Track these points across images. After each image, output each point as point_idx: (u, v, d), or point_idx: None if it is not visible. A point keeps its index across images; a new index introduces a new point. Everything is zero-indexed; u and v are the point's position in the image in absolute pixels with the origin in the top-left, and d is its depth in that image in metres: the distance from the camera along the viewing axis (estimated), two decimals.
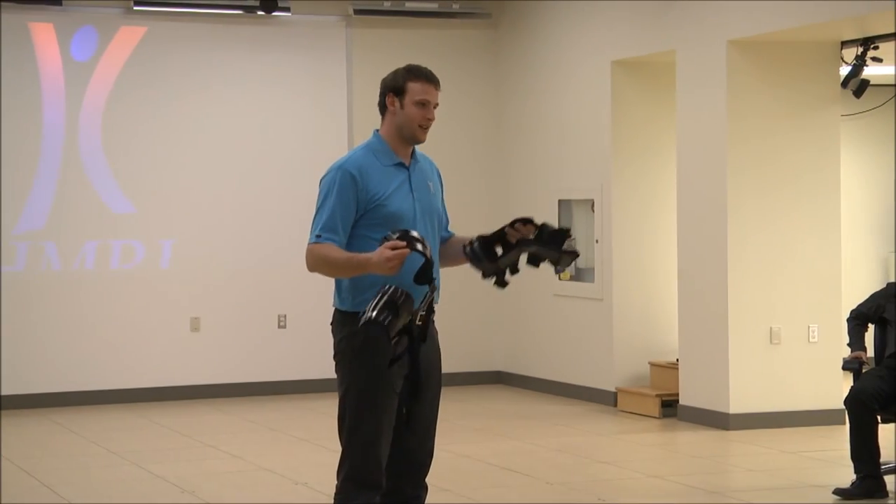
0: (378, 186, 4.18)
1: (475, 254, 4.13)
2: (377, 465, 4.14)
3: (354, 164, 4.21)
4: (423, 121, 4.22)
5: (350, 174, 4.18)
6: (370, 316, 3.91)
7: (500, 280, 4.14)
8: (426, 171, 4.35)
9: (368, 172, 4.19)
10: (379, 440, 4.13)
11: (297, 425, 9.44)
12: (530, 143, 11.15)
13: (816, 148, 9.10)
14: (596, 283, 10.20)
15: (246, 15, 10.78)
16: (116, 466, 7.98)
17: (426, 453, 4.30)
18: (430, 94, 4.23)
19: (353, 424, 4.15)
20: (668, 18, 9.43)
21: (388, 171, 4.22)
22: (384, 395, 4.13)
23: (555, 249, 4.13)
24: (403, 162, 4.27)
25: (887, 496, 6.67)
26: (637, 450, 8.58)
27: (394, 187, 4.20)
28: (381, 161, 4.24)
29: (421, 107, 4.22)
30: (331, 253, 4.12)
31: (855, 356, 6.96)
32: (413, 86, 4.22)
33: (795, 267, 9.02)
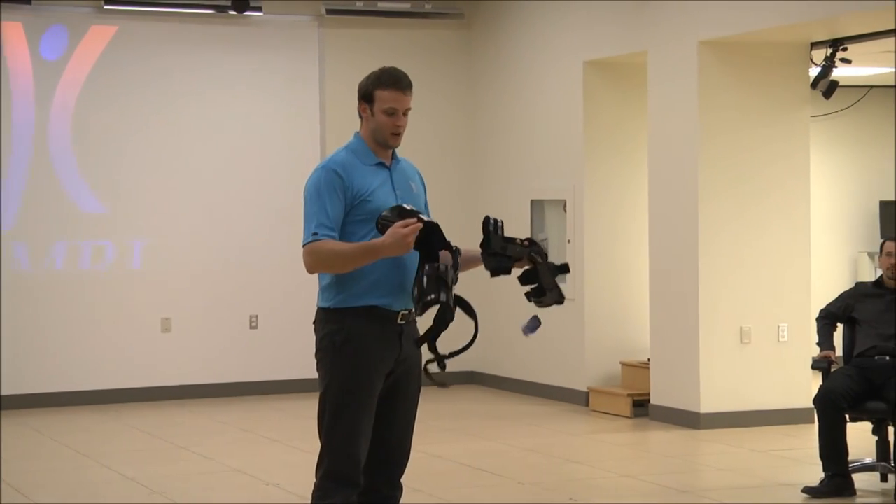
0: (362, 183, 4.20)
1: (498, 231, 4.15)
2: (355, 463, 4.15)
3: (337, 162, 4.24)
4: (393, 128, 4.23)
5: (334, 171, 4.20)
6: (431, 297, 3.92)
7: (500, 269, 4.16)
8: (408, 172, 4.37)
9: (351, 170, 4.21)
10: (357, 438, 4.13)
11: (269, 426, 9.42)
12: (503, 144, 11.17)
13: (786, 148, 9.15)
14: (568, 284, 10.22)
15: (218, 14, 10.75)
16: (86, 468, 7.94)
17: (403, 453, 4.31)
18: (399, 101, 4.22)
19: (332, 422, 4.15)
20: (639, 19, 9.46)
21: (369, 169, 4.24)
22: (364, 394, 4.14)
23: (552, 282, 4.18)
24: (384, 162, 4.29)
25: (855, 494, 6.72)
26: (609, 449, 8.60)
27: (377, 184, 4.22)
28: (363, 160, 4.25)
29: (390, 115, 4.22)
30: (336, 246, 4.12)
31: (824, 355, 7.00)
32: (380, 94, 4.23)
33: (765, 267, 9.07)
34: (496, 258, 4.16)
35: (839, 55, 9.05)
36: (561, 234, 10.38)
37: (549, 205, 10.58)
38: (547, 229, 10.65)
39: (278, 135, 11.07)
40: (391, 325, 4.16)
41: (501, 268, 4.18)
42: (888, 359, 6.80)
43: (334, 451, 4.15)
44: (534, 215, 10.72)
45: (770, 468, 7.69)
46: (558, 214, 10.43)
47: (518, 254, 4.18)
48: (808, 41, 9.11)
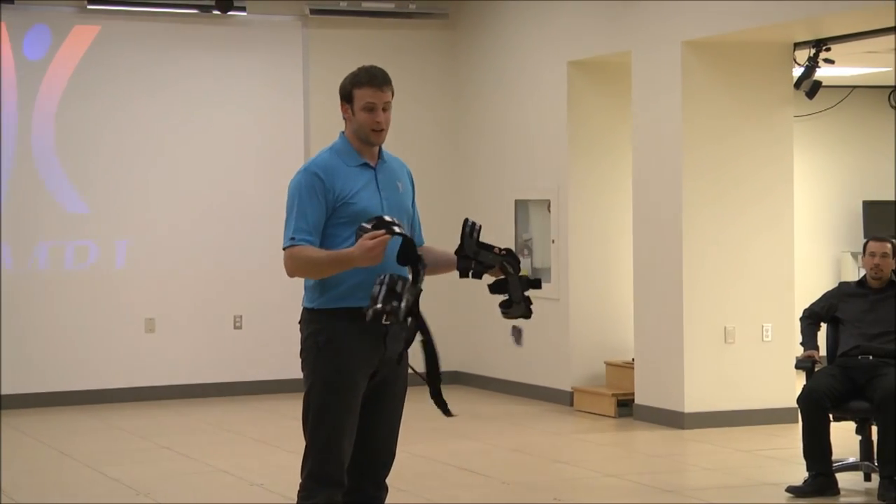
0: (344, 185, 4.19)
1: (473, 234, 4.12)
2: (339, 464, 4.15)
3: (319, 165, 4.23)
4: (374, 124, 4.22)
5: (315, 174, 4.19)
6: (377, 308, 3.91)
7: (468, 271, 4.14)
8: (395, 171, 4.34)
9: (334, 172, 4.20)
10: (341, 438, 4.13)
11: (253, 426, 9.40)
12: (487, 144, 11.17)
13: (770, 148, 9.17)
14: (552, 284, 10.23)
15: (201, 14, 10.72)
16: (70, 469, 7.91)
17: (389, 454, 4.30)
18: (377, 97, 4.21)
19: (315, 422, 4.15)
20: (623, 19, 9.47)
21: (353, 171, 4.23)
22: (347, 394, 4.13)
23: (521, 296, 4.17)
24: (368, 162, 4.27)
25: (839, 494, 6.74)
26: (593, 449, 8.61)
27: (360, 186, 4.21)
28: (346, 162, 4.24)
29: (369, 111, 4.21)
30: (311, 253, 4.13)
31: (808, 355, 7.03)
32: (358, 92, 4.23)
33: (749, 267, 9.09)
34: (467, 261, 4.15)
35: (822, 55, 9.07)
36: (545, 234, 10.39)
37: (534, 205, 10.58)
38: (531, 229, 10.66)
39: (262, 135, 11.04)
40: (375, 326, 4.15)
41: (469, 271, 4.15)
42: (871, 358, 6.82)
43: (318, 452, 4.15)
44: (518, 215, 10.73)
45: (754, 468, 7.71)
46: (542, 215, 10.44)
47: (490, 261, 4.16)
48: (791, 41, 9.14)
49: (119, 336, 10.62)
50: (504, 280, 4.19)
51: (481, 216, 11.46)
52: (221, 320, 10.91)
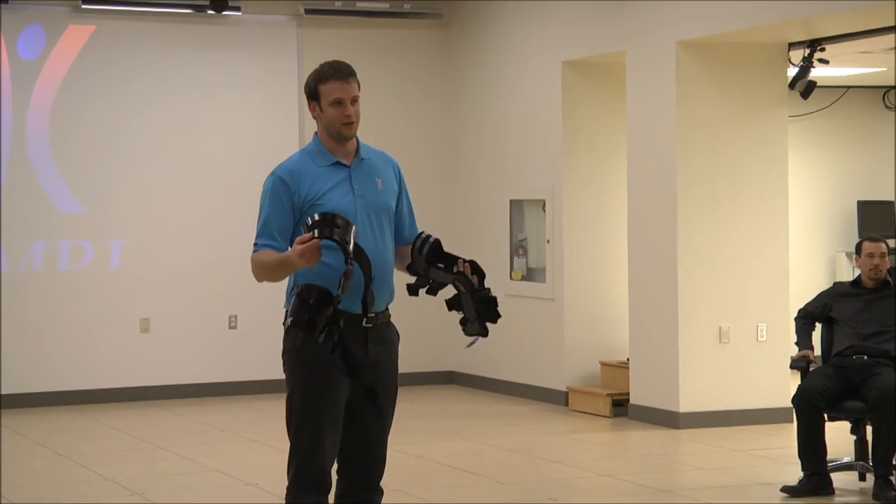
0: (312, 187, 4.14)
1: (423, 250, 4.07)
2: (321, 467, 4.12)
3: (285, 168, 4.19)
4: (343, 118, 4.16)
5: (280, 179, 4.16)
6: (288, 322, 3.92)
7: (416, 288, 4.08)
8: (376, 167, 4.26)
9: (301, 174, 4.15)
10: (322, 444, 4.09)
11: (248, 426, 9.40)
12: (481, 144, 11.17)
13: (764, 148, 9.18)
14: (547, 283, 10.23)
15: (196, 14, 10.72)
16: (64, 469, 7.90)
17: (380, 457, 4.25)
18: (343, 90, 4.17)
19: (297, 426, 4.13)
20: (617, 19, 9.47)
21: (323, 171, 4.17)
22: (327, 398, 4.09)
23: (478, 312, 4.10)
24: (342, 161, 4.21)
25: (833, 494, 6.75)
26: (588, 449, 8.61)
27: (330, 186, 4.15)
28: (317, 162, 4.19)
29: (337, 106, 4.16)
30: (263, 258, 4.10)
31: (802, 355, 7.03)
32: (324, 87, 4.18)
33: (744, 266, 9.10)
34: (418, 277, 4.10)
35: (817, 55, 9.09)
36: (540, 234, 10.40)
37: (528, 205, 10.58)
38: (526, 229, 10.66)
39: (257, 134, 11.04)
40: (354, 329, 4.10)
41: (416, 289, 4.10)
42: (866, 358, 6.82)
43: (300, 456, 4.12)
44: (513, 215, 10.73)
45: (749, 467, 7.71)
46: (537, 214, 10.44)
47: (440, 279, 4.10)
48: (785, 41, 9.14)
49: (114, 336, 10.61)
50: (456, 297, 4.12)
51: (476, 216, 11.50)
52: (216, 320, 10.91)
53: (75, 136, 10.56)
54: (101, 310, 10.58)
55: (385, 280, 4.15)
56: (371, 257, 4.04)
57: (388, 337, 4.22)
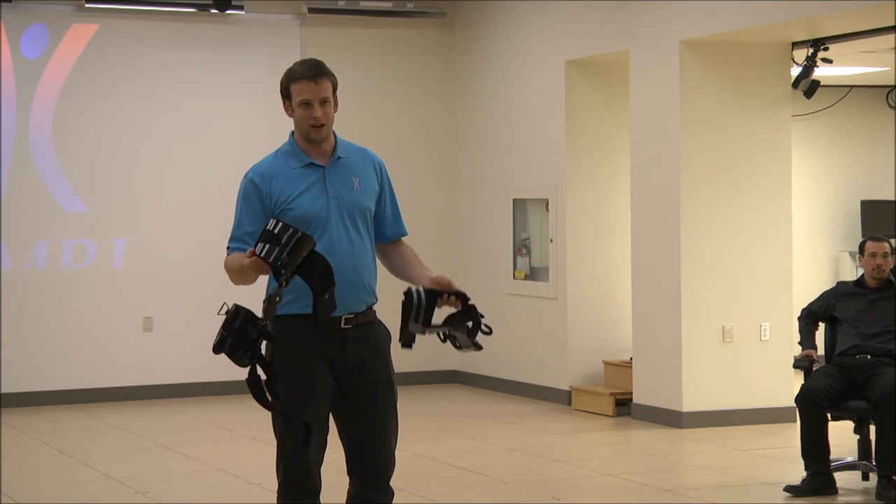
0: (284, 189, 4.08)
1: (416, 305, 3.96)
2: (307, 471, 4.10)
3: (257, 171, 4.15)
4: (311, 120, 4.09)
5: (252, 181, 4.12)
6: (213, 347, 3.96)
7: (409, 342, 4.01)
8: (353, 166, 4.16)
9: (273, 176, 4.10)
10: (306, 448, 4.06)
11: (251, 425, 9.39)
12: (485, 143, 11.16)
13: (768, 147, 9.17)
14: (550, 283, 10.23)
15: (199, 13, 10.72)
16: (67, 467, 7.91)
17: (386, 459, 4.20)
18: (311, 91, 4.08)
19: (281, 432, 4.11)
20: (621, 19, 9.47)
21: (297, 173, 4.11)
22: (309, 400, 4.05)
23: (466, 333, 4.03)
24: (316, 162, 4.14)
25: (836, 493, 6.74)
26: (591, 448, 8.61)
27: (302, 189, 4.08)
28: (290, 164, 4.13)
29: (305, 107, 4.10)
30: (230, 263, 4.06)
31: (806, 354, 7.03)
32: (294, 87, 4.13)
33: (747, 266, 9.09)
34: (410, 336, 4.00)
35: (820, 55, 9.08)
36: (543, 233, 10.39)
37: (532, 204, 10.58)
38: (529, 229, 10.66)
39: (260, 134, 11.02)
40: (333, 331, 4.05)
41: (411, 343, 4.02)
42: (869, 358, 6.82)
43: (286, 461, 4.11)
44: (516, 214, 10.73)
45: (752, 467, 7.71)
46: (540, 214, 10.44)
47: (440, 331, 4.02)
48: (789, 41, 9.14)
49: (117, 335, 10.61)
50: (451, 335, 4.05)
51: (479, 215, 11.50)
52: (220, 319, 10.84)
53: (79, 135, 10.56)
54: (104, 309, 10.59)
55: (360, 281, 4.09)
56: (343, 260, 3.99)
57: (371, 336, 4.15)
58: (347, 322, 4.07)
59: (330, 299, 3.86)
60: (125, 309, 10.63)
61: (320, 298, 3.85)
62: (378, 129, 10.94)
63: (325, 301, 3.86)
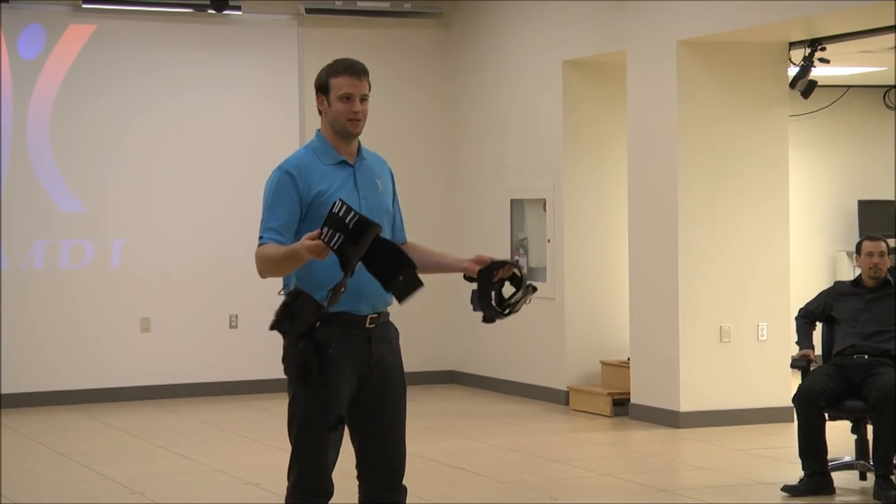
0: (321, 184, 4.09)
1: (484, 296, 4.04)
2: (323, 473, 4.09)
3: (293, 163, 4.14)
4: (350, 114, 4.13)
5: (287, 173, 4.10)
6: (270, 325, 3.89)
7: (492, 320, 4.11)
8: (374, 169, 4.23)
9: (309, 171, 4.11)
10: (326, 449, 4.06)
11: (248, 426, 9.40)
12: (482, 143, 11.16)
13: (765, 147, 9.18)
14: (548, 283, 10.23)
15: (197, 13, 10.72)
16: (65, 468, 7.90)
17: (399, 457, 4.22)
18: (354, 86, 4.13)
19: (299, 432, 4.08)
20: (618, 18, 9.47)
21: (330, 169, 4.14)
22: (331, 401, 4.05)
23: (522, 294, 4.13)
24: (346, 160, 4.17)
25: (834, 493, 6.74)
26: (589, 448, 8.61)
27: (336, 185, 4.11)
28: (323, 160, 4.14)
29: (346, 101, 4.12)
30: (268, 251, 4.03)
31: (803, 354, 7.03)
32: (335, 81, 4.14)
33: (745, 266, 9.10)
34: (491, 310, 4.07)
35: (817, 55, 9.09)
36: (541, 233, 10.39)
37: (529, 204, 10.58)
38: (527, 229, 10.66)
39: (258, 134, 11.04)
40: (358, 330, 4.07)
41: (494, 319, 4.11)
42: (866, 357, 6.82)
43: (302, 461, 4.09)
44: (514, 215, 10.73)
45: (749, 467, 7.71)
46: (538, 214, 10.44)
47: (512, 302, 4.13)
48: (786, 41, 9.14)
49: (114, 335, 10.61)
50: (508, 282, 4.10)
51: (476, 215, 11.50)
52: (217, 319, 10.91)
53: (76, 136, 10.56)
54: (101, 309, 10.58)
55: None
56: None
57: (389, 335, 4.20)
58: (372, 321, 4.10)
59: (406, 280, 3.83)
60: (122, 309, 10.63)
61: (394, 281, 3.84)
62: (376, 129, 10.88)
63: (400, 283, 3.84)
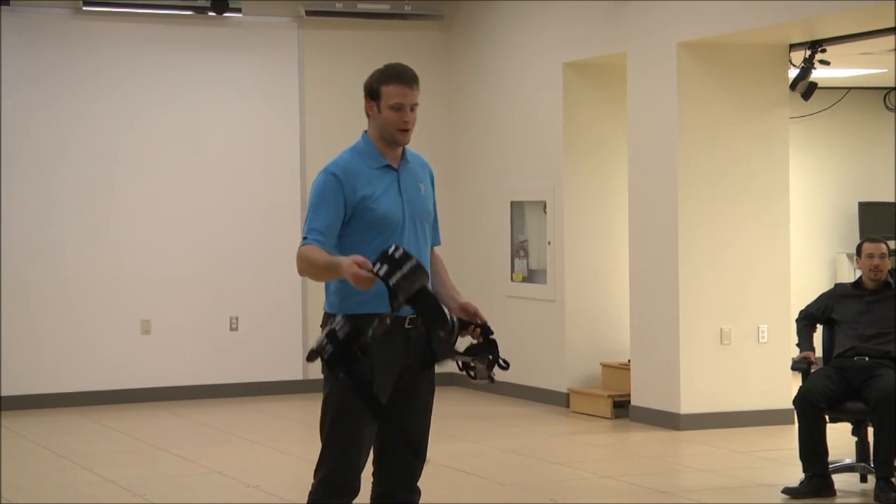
0: (366, 188, 4.10)
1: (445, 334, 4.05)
2: (353, 472, 4.10)
3: (340, 166, 4.13)
4: (401, 124, 4.14)
5: (334, 175, 4.10)
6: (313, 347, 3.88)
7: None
8: (417, 172, 4.26)
9: (355, 174, 4.11)
10: (358, 448, 4.07)
11: (249, 428, 9.40)
12: (482, 145, 11.16)
13: (765, 149, 9.18)
14: (548, 285, 10.23)
15: (197, 16, 10.72)
16: (66, 470, 7.90)
17: (419, 458, 4.24)
18: (406, 96, 4.13)
19: (332, 429, 4.09)
20: (618, 20, 9.47)
21: (375, 173, 4.15)
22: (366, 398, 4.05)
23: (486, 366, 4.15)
24: (391, 164, 4.19)
25: (835, 495, 6.74)
26: (589, 450, 8.61)
27: (381, 190, 4.12)
28: (368, 164, 4.15)
29: (396, 110, 4.13)
30: (312, 254, 4.02)
31: (804, 356, 7.03)
32: (386, 89, 4.14)
33: (745, 268, 9.09)
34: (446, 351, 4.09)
35: (818, 57, 9.09)
36: (541, 235, 10.39)
37: (529, 206, 10.58)
38: (527, 231, 10.66)
39: (258, 136, 11.04)
40: (398, 331, 4.09)
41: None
42: (867, 359, 6.82)
43: (333, 459, 4.10)
44: (514, 217, 10.73)
45: (750, 469, 7.71)
46: (538, 216, 10.44)
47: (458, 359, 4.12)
48: (786, 43, 9.14)
49: (115, 338, 10.60)
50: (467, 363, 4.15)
51: (477, 217, 11.49)
52: (217, 322, 10.90)
53: (76, 137, 10.55)
54: (102, 311, 10.58)
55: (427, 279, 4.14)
56: None
57: (421, 336, 4.17)
58: (411, 322, 4.11)
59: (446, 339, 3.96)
60: (123, 312, 10.63)
61: (436, 337, 3.95)
62: None
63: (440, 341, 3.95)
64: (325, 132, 11.02)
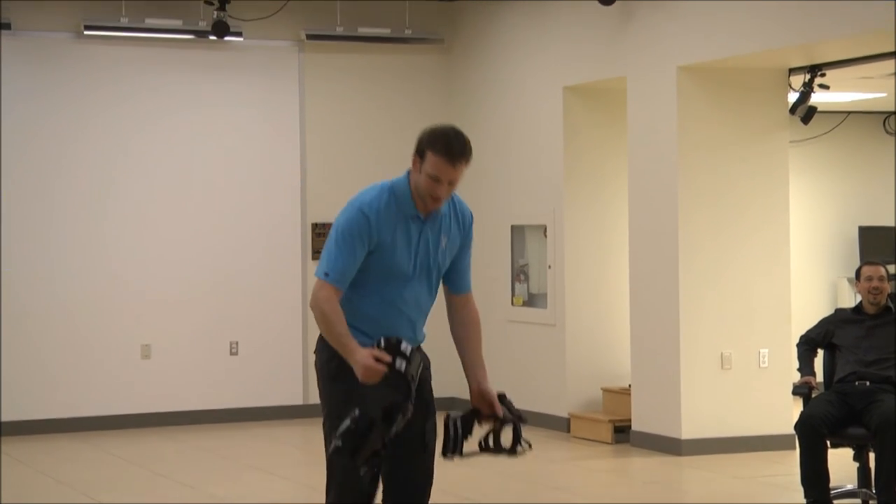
0: (387, 235, 4.10)
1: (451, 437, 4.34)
2: (359, 493, 4.10)
3: (373, 208, 4.11)
4: (434, 193, 4.12)
5: (366, 217, 4.09)
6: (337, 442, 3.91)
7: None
8: (445, 223, 4.23)
9: (383, 218, 4.10)
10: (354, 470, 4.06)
11: (249, 453, 9.37)
12: (482, 169, 11.15)
13: (765, 173, 9.18)
14: (549, 309, 10.22)
15: (198, 40, 10.74)
16: (66, 497, 7.87)
17: (426, 481, 4.33)
18: (446, 172, 4.09)
19: (332, 453, 4.09)
20: (618, 45, 9.49)
21: (401, 222, 4.14)
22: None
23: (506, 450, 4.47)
24: (420, 215, 4.17)
25: None
26: (590, 476, 8.58)
27: (401, 243, 4.13)
28: (401, 208, 4.14)
29: (434, 181, 4.11)
30: (332, 316, 4.03)
31: (804, 381, 7.01)
32: (431, 157, 4.12)
33: (745, 292, 9.08)
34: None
35: (817, 81, 9.10)
36: (541, 259, 10.39)
37: (530, 230, 10.58)
38: (527, 255, 10.65)
39: (259, 160, 11.05)
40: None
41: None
42: (868, 384, 6.80)
43: (337, 482, 4.12)
44: (514, 241, 10.72)
45: (752, 494, 7.68)
46: (539, 240, 10.43)
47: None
48: (786, 67, 9.16)
49: (115, 362, 10.58)
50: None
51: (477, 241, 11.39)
52: (218, 346, 10.88)
53: (77, 159, 10.55)
54: (102, 336, 10.56)
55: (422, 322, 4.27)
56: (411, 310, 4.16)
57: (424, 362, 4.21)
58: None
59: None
60: (123, 336, 10.61)
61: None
62: (376, 155, 10.94)
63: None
64: (326, 156, 11.02)
